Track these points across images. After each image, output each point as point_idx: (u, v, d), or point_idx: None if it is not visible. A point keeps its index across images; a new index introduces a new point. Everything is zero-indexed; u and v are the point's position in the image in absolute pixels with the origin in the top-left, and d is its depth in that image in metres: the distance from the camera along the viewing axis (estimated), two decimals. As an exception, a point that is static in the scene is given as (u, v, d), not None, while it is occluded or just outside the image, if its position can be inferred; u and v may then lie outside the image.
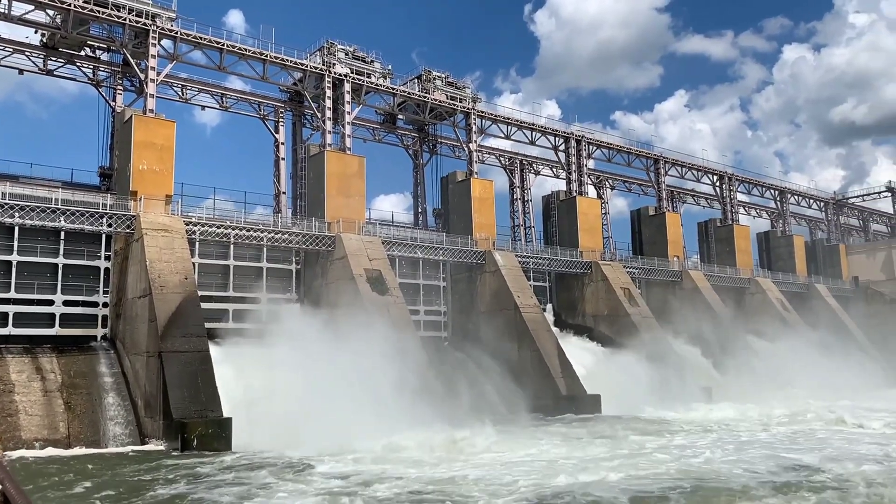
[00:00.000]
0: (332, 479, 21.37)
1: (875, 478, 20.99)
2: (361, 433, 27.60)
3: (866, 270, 78.32)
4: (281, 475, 22.10)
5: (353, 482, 20.97)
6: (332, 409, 28.45)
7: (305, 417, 27.75)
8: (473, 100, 53.05)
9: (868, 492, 19.29)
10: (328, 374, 30.32)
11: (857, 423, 34.90)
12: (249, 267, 40.89)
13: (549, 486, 20.11)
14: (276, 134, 49.25)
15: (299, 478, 21.76)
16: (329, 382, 29.72)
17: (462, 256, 47.58)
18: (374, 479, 21.26)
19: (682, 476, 21.31)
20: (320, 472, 22.51)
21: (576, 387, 42.29)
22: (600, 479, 20.88)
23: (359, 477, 21.76)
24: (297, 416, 27.62)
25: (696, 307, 57.20)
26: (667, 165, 65.60)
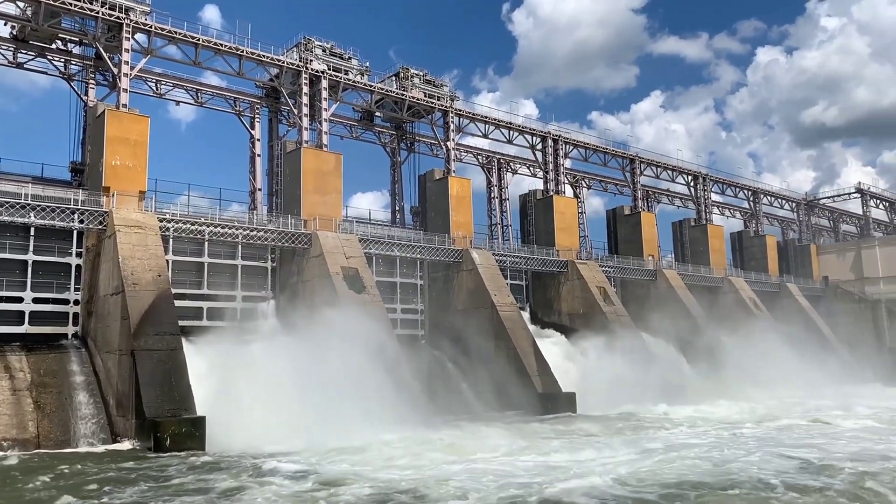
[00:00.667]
0: (298, 482, 20.93)
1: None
2: (335, 433, 27.51)
3: (836, 270, 79.76)
4: (246, 478, 21.59)
5: (318, 485, 20.51)
6: (307, 408, 28.34)
7: (280, 416, 27.60)
8: (451, 98, 53.04)
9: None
10: (303, 372, 30.17)
11: (827, 421, 35.60)
12: (224, 264, 40.53)
13: (514, 487, 20.02)
14: (251, 130, 48.81)
15: (265, 481, 21.25)
16: (304, 381, 29.59)
17: (439, 255, 47.57)
18: (341, 481, 20.90)
19: (649, 481, 21.10)
20: (286, 474, 22.04)
21: (552, 385, 42.53)
22: (563, 482, 20.79)
23: (325, 478, 21.34)
24: (271, 415, 27.44)
25: (671, 306, 57.87)
26: (642, 165, 66.20)
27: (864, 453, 25.53)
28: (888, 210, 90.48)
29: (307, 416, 28.28)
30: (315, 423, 28.08)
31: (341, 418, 28.69)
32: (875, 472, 21.53)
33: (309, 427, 27.87)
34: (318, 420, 28.24)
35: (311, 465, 23.57)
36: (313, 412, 28.45)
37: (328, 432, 27.58)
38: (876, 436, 30.52)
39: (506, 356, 43.79)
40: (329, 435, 27.37)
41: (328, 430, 27.70)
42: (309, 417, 28.26)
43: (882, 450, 26.32)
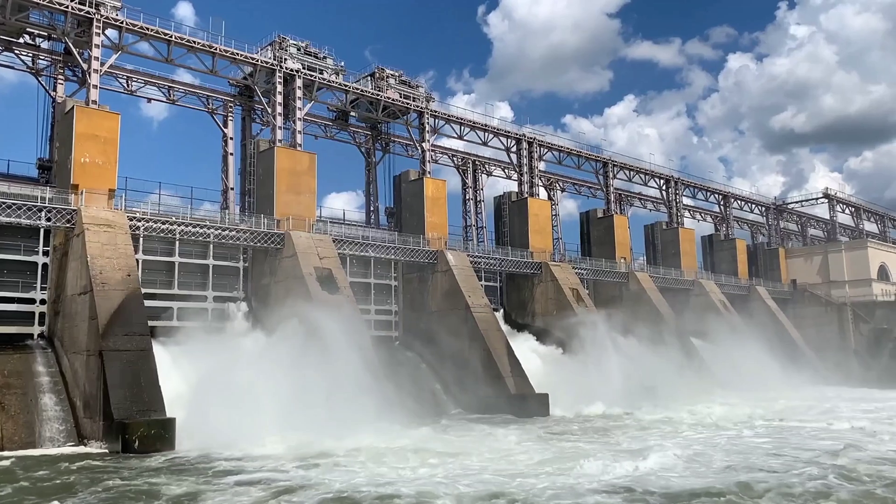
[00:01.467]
0: (255, 488, 20.35)
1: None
2: (308, 435, 27.32)
3: (804, 273, 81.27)
4: (202, 484, 21.00)
5: (273, 492, 19.87)
6: (279, 410, 28.09)
7: (251, 419, 27.31)
8: (427, 99, 53.03)
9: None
10: (276, 374, 29.90)
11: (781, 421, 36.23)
12: (195, 264, 40.02)
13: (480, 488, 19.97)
14: (224, 129, 48.33)
15: (222, 485, 20.73)
16: (276, 382, 29.32)
17: (414, 256, 47.51)
18: (300, 486, 20.32)
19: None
20: (246, 480, 21.36)
21: (525, 386, 42.67)
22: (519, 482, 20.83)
23: (285, 485, 20.69)
24: (243, 417, 27.14)
25: (642, 308, 58.48)
26: (615, 169, 66.84)
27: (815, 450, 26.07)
28: (854, 215, 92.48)
29: (279, 418, 28.04)
30: (287, 426, 27.88)
31: (313, 421, 28.49)
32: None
33: (281, 429, 27.66)
34: (291, 422, 28.04)
35: (274, 469, 23.06)
36: (285, 414, 28.23)
37: (300, 435, 27.39)
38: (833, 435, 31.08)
39: (480, 357, 43.84)
40: (301, 437, 27.19)
41: (300, 433, 27.51)
42: (281, 420, 28.04)
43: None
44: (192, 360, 32.49)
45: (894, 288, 78.57)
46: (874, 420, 36.45)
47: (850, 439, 28.79)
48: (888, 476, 21.37)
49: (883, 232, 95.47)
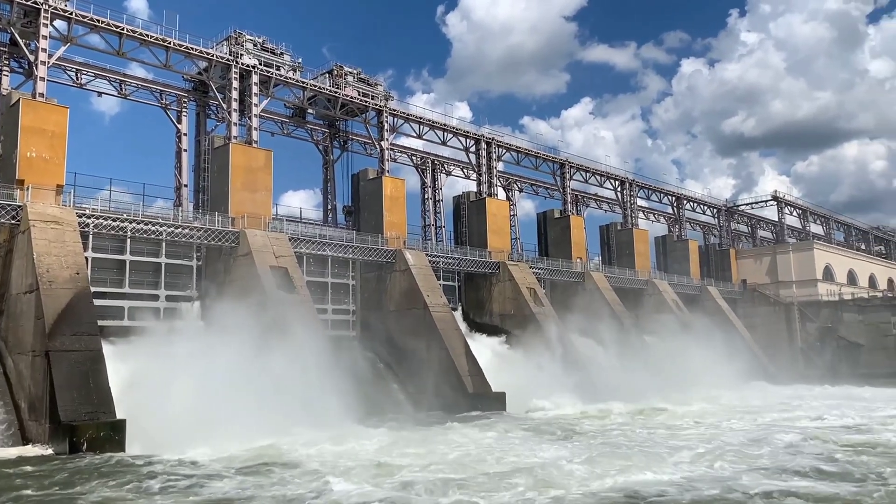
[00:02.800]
0: (183, 494, 19.76)
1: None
2: (260, 436, 26.94)
3: (753, 274, 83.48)
4: (127, 490, 20.27)
5: (200, 499, 19.39)
6: (233, 410, 27.64)
7: (204, 419, 26.84)
8: (386, 97, 52.85)
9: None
10: (229, 373, 29.42)
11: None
12: (147, 262, 39.08)
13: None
14: (178, 124, 47.38)
15: (148, 489, 20.20)
16: (230, 382, 28.85)
17: (372, 255, 47.30)
18: (234, 499, 19.58)
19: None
20: (179, 487, 20.67)
21: (482, 385, 42.88)
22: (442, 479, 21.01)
23: (214, 491, 20.14)
24: (195, 417, 26.65)
25: (598, 307, 59.26)
26: (572, 170, 67.68)
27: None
28: (801, 217, 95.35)
29: (232, 418, 27.57)
30: (240, 426, 27.43)
31: (266, 421, 28.10)
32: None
33: (234, 430, 27.20)
34: (243, 423, 27.58)
35: (211, 475, 22.38)
36: (238, 414, 27.77)
37: (253, 435, 26.98)
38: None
39: (438, 356, 43.90)
40: (254, 438, 26.79)
41: (253, 434, 27.09)
42: (234, 420, 27.57)
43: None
44: (144, 361, 31.74)
45: (838, 288, 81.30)
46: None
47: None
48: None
49: (828, 234, 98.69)
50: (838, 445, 26.71)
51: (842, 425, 32.97)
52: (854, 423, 33.77)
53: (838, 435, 29.37)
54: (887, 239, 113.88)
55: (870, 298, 77.57)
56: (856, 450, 25.66)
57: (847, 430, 31.09)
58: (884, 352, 71.16)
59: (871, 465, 22.71)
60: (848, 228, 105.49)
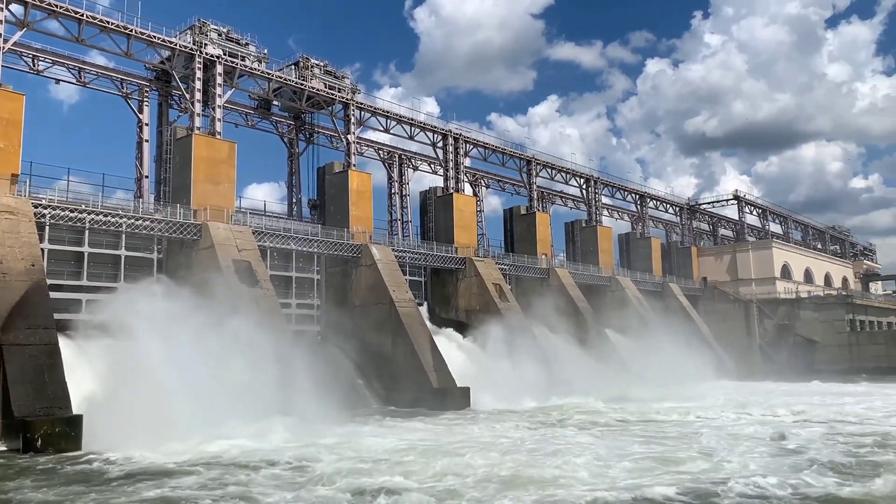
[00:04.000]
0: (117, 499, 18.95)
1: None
2: (213, 430, 26.52)
3: (714, 271, 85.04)
4: (67, 489, 19.57)
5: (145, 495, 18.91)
6: (192, 406, 27.15)
7: (163, 415, 26.34)
8: (353, 90, 52.44)
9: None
10: (190, 369, 28.90)
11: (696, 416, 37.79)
12: (106, 255, 38.24)
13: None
14: (139, 114, 46.38)
15: (86, 491, 19.49)
16: (190, 378, 28.33)
17: (337, 249, 46.95)
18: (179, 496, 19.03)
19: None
20: (132, 491, 19.89)
21: (447, 380, 42.93)
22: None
23: (156, 494, 19.48)
24: (150, 413, 26.14)
25: (562, 303, 59.81)
26: (538, 167, 68.08)
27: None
28: (760, 217, 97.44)
29: (191, 414, 27.06)
30: (198, 422, 26.96)
31: (227, 416, 27.65)
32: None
33: (192, 426, 26.72)
34: (202, 419, 27.07)
35: (157, 473, 21.86)
36: (198, 410, 27.26)
37: (211, 431, 26.54)
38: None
39: (403, 352, 43.81)
40: (210, 436, 26.34)
41: (211, 429, 26.65)
42: (193, 416, 27.04)
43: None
44: (102, 355, 31.04)
45: (796, 286, 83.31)
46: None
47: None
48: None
49: (786, 233, 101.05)
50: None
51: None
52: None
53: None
54: (842, 239, 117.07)
55: (825, 296, 79.63)
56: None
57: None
58: (838, 348, 73.17)
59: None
60: (805, 228, 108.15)
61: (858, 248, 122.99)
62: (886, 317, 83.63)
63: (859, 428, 30.65)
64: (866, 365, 70.35)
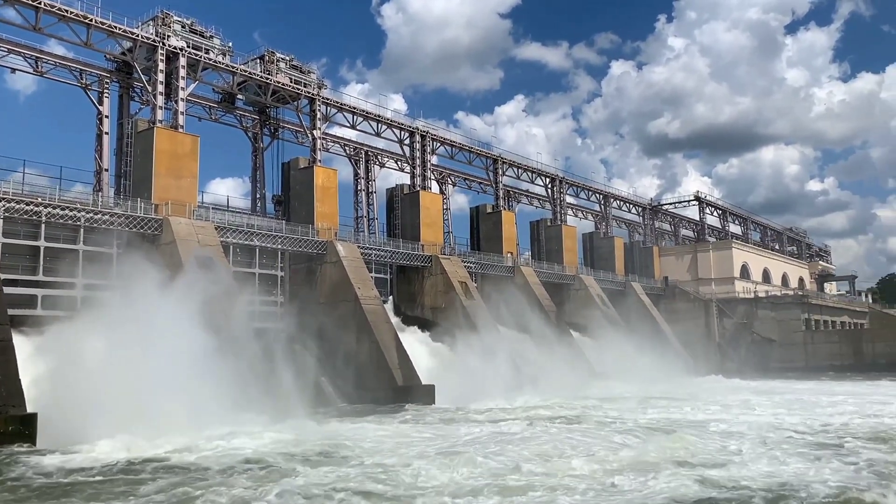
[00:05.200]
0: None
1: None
2: (175, 429, 26.01)
3: (675, 271, 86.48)
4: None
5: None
6: (149, 403, 26.64)
7: (119, 413, 25.84)
8: (319, 86, 52.00)
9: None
10: (147, 366, 28.35)
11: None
12: (63, 249, 37.25)
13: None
14: (99, 106, 45.31)
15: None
16: (149, 375, 27.80)
17: (302, 246, 46.53)
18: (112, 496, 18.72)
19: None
20: (63, 481, 19.85)
21: (412, 378, 42.89)
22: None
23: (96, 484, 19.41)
24: (103, 410, 25.63)
25: (527, 301, 60.18)
26: (504, 166, 68.42)
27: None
28: (721, 217, 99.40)
29: (148, 412, 26.56)
30: (155, 420, 26.46)
31: (180, 417, 27.12)
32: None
33: (148, 424, 26.22)
34: (159, 416, 26.54)
35: (113, 468, 21.59)
36: (155, 408, 26.77)
37: (163, 431, 26.06)
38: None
39: (368, 349, 43.64)
40: (163, 434, 25.87)
41: (167, 427, 26.12)
42: (149, 413, 26.55)
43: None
44: (58, 352, 30.28)
45: (754, 286, 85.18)
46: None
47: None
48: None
49: (745, 234, 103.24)
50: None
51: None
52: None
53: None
54: (799, 240, 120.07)
55: (782, 296, 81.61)
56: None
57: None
58: (793, 347, 75.04)
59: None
60: (764, 229, 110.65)
61: (814, 249, 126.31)
62: (839, 316, 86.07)
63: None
64: (821, 363, 72.28)
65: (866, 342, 74.88)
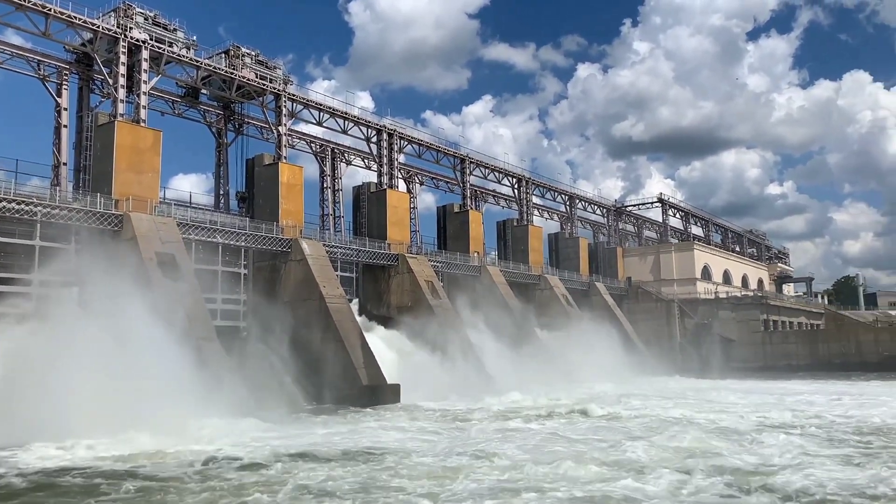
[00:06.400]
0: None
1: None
2: (121, 429, 25.55)
3: (638, 272, 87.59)
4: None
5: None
6: (107, 402, 26.11)
7: (78, 411, 25.26)
8: (285, 81, 51.41)
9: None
10: (107, 365, 27.76)
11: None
12: (19, 245, 36.23)
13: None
14: (58, 98, 44.17)
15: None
16: (105, 374, 27.22)
17: (266, 243, 45.95)
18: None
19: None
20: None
21: (377, 377, 42.67)
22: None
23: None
24: (56, 410, 25.05)
25: (493, 301, 60.41)
26: (472, 166, 68.55)
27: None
28: (683, 219, 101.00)
29: (105, 410, 26.03)
30: (114, 419, 25.97)
31: (142, 417, 26.61)
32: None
33: (106, 422, 25.72)
34: (117, 415, 26.05)
35: (58, 473, 21.12)
36: (113, 406, 26.20)
37: (116, 431, 25.56)
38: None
39: (333, 348, 43.27)
40: (116, 433, 25.38)
41: (116, 429, 25.66)
42: (107, 412, 26.01)
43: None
44: (12, 350, 29.44)
45: (715, 287, 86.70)
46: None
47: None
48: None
49: (707, 236, 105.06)
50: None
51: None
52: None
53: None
54: (759, 242, 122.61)
55: (742, 297, 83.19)
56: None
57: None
58: (752, 347, 76.56)
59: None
60: (725, 231, 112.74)
61: (773, 251, 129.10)
62: (797, 317, 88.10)
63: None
64: (779, 363, 73.86)
65: (822, 343, 76.72)
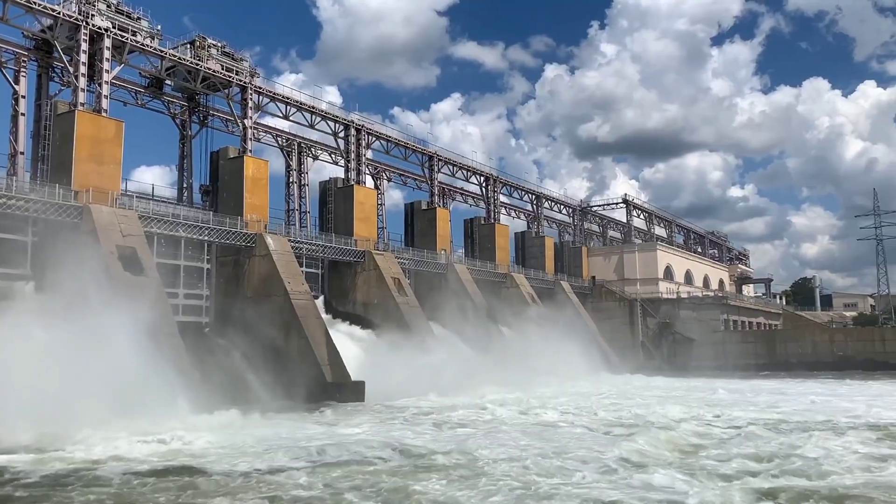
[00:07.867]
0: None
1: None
2: (78, 426, 25.03)
3: (602, 271, 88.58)
4: None
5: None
6: (58, 400, 25.47)
7: (33, 407, 24.62)
8: (252, 74, 50.68)
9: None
10: (62, 361, 27.09)
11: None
12: (-28, 236, 35.12)
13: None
14: (15, 85, 42.86)
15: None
16: (63, 370, 26.56)
17: (230, 238, 45.27)
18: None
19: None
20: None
21: (341, 374, 42.40)
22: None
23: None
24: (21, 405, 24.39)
25: (459, 298, 60.50)
26: (440, 163, 68.51)
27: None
28: (647, 220, 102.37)
29: (59, 408, 25.44)
30: (68, 416, 25.40)
31: (99, 412, 26.10)
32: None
33: (60, 420, 25.14)
34: (56, 416, 25.46)
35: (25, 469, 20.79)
36: (66, 406, 25.63)
37: (75, 428, 25.01)
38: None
39: (297, 345, 42.86)
40: (75, 431, 24.85)
41: (75, 426, 25.11)
42: (60, 409, 25.42)
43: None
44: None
45: (677, 287, 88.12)
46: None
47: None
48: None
49: (670, 236, 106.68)
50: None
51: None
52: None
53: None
54: (720, 243, 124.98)
55: (703, 297, 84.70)
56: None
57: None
58: (712, 346, 77.96)
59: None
60: (687, 232, 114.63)
61: (734, 252, 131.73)
62: (756, 317, 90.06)
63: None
64: (738, 362, 75.26)
65: (780, 342, 78.51)
